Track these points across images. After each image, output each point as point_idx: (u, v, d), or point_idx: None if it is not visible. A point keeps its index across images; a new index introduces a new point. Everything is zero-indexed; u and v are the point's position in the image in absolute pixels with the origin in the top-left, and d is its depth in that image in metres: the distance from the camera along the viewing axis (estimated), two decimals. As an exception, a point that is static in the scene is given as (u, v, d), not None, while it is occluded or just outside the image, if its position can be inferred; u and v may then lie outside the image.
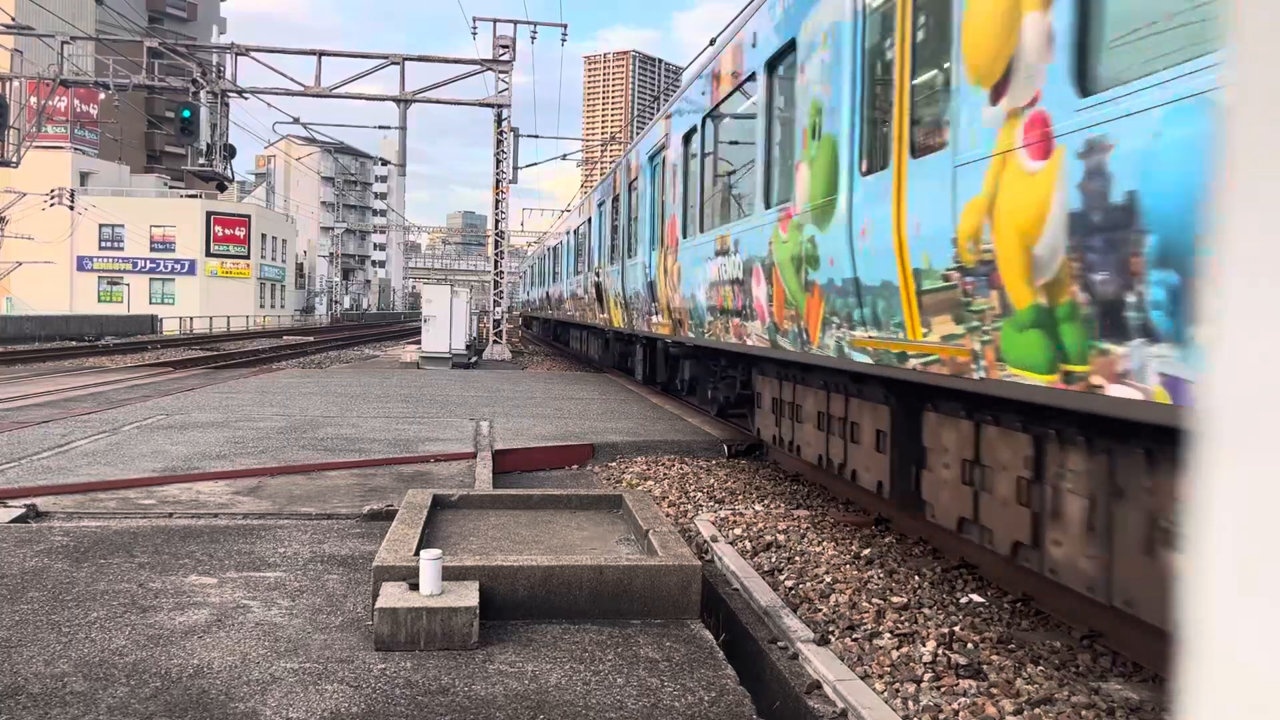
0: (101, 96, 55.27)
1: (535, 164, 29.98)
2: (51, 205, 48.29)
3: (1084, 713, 3.80)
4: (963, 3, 4.30)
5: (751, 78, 7.95)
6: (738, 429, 11.33)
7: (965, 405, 5.07)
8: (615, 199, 16.49)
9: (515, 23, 26.72)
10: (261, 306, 70.83)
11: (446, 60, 26.92)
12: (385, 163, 72.82)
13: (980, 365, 4.22)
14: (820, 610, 5.05)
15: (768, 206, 7.45)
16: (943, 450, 5.33)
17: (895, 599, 5.26)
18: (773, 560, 6.10)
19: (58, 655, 3.96)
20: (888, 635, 4.64)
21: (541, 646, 4.23)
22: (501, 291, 28.66)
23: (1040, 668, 4.29)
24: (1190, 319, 2.89)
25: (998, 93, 4.00)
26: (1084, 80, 3.48)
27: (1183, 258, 2.92)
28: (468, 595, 4.30)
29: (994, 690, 3.99)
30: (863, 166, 5.45)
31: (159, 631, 4.27)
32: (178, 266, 65.92)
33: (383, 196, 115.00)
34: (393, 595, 4.27)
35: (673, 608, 4.65)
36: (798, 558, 6.16)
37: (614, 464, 9.91)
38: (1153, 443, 3.70)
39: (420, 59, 27.47)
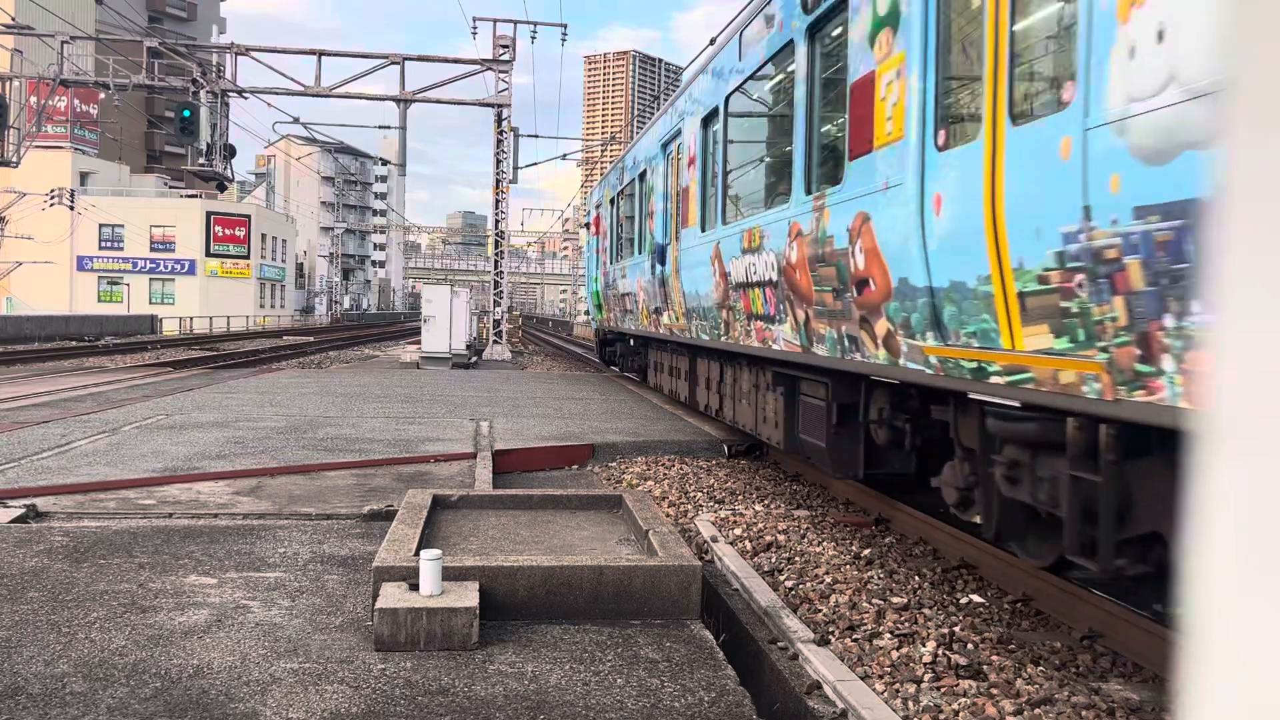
0: (101, 96, 55.27)
1: (535, 164, 30.03)
2: (51, 205, 48.32)
3: (1084, 713, 3.79)
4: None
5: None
6: (731, 429, 11.35)
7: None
8: None
9: (515, 23, 26.74)
10: (261, 306, 70.84)
11: (446, 60, 26.94)
12: (385, 163, 72.94)
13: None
14: (820, 610, 5.05)
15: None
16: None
17: (895, 599, 5.26)
18: (773, 560, 6.10)
19: (58, 655, 3.96)
20: (888, 635, 4.63)
21: (541, 647, 4.23)
22: (501, 291, 28.66)
23: (1040, 668, 4.29)
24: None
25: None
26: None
27: None
28: (468, 596, 4.30)
29: (994, 690, 3.99)
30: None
31: (159, 632, 4.27)
32: (178, 266, 65.92)
33: (383, 196, 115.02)
34: (393, 596, 4.27)
35: (673, 608, 4.65)
36: (798, 558, 6.16)
37: (614, 464, 9.91)
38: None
39: (420, 59, 27.48)
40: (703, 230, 9.79)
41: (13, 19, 27.13)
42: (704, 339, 10.08)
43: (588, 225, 22.40)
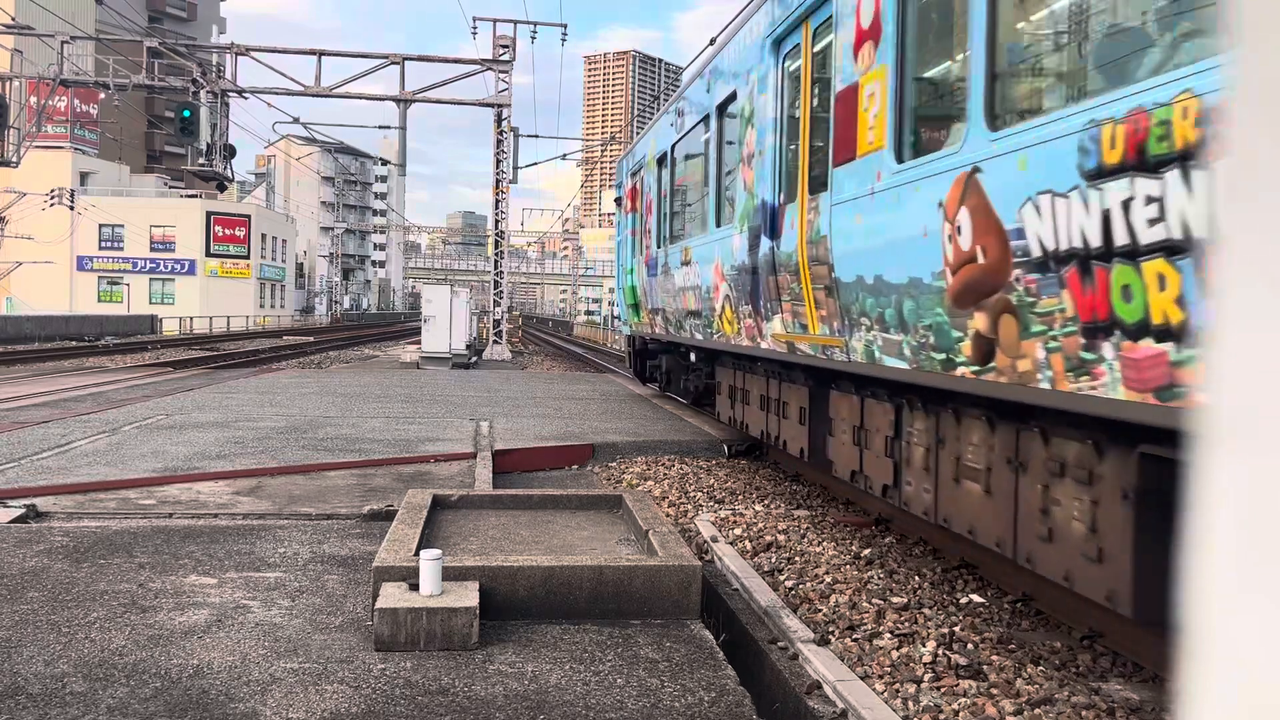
0: (101, 96, 55.26)
1: (535, 164, 30.03)
2: (51, 205, 48.33)
3: (1084, 713, 3.79)
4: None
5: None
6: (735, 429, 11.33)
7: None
8: None
9: (515, 23, 26.75)
10: (261, 306, 70.86)
11: (446, 60, 26.94)
12: (385, 163, 72.96)
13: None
14: (820, 610, 5.05)
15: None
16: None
17: (895, 599, 5.26)
18: (773, 560, 6.10)
19: (58, 655, 3.96)
20: (888, 635, 4.64)
21: (541, 647, 4.23)
22: (501, 291, 28.66)
23: (1040, 668, 4.29)
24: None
25: None
26: None
27: None
28: (468, 596, 4.30)
29: (994, 690, 3.99)
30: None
31: (159, 632, 4.27)
32: (178, 266, 65.94)
33: (383, 196, 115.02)
34: (393, 595, 4.27)
35: (673, 608, 4.65)
36: (798, 558, 6.16)
37: (614, 464, 9.91)
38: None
39: (420, 59, 27.49)
40: (901, 158, 5.15)
41: (13, 19, 27.13)
42: (892, 365, 5.31)
43: (618, 200, 16.37)
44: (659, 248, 12.34)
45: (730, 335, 8.91)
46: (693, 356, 12.52)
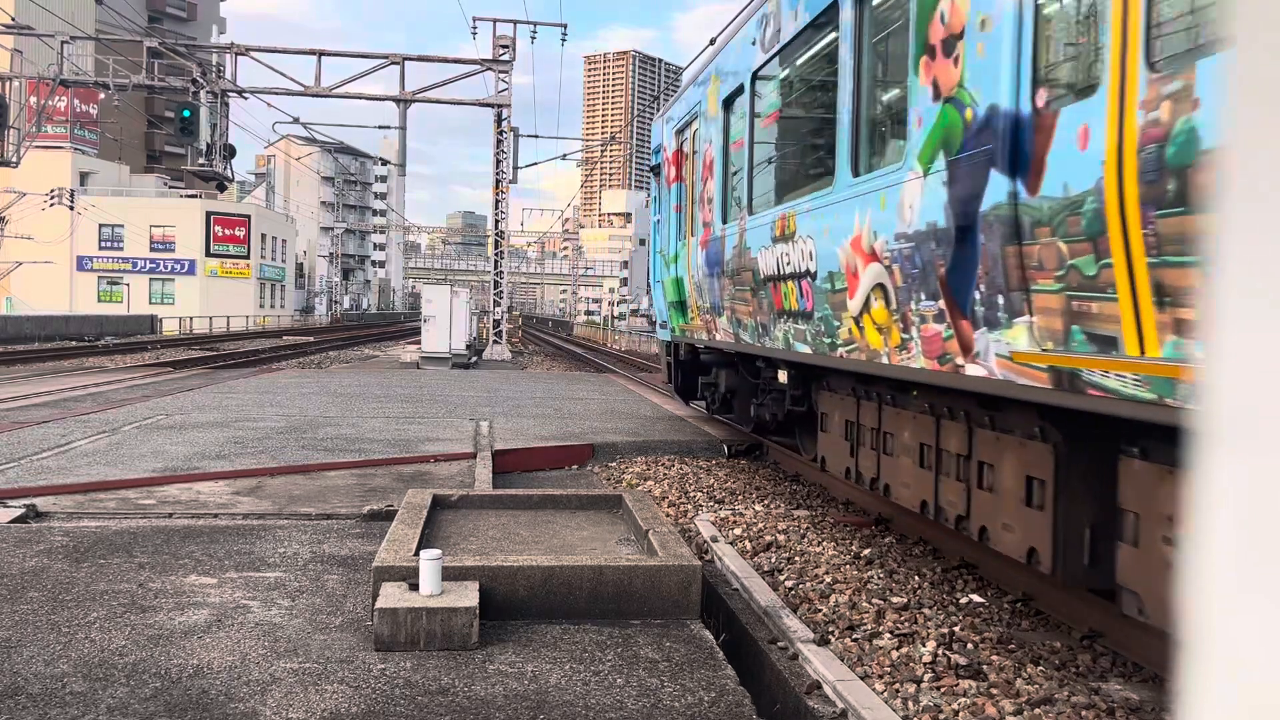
0: (101, 96, 55.22)
1: (535, 164, 30.00)
2: (51, 205, 48.32)
3: (1084, 713, 3.79)
4: None
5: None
6: (734, 428, 11.33)
7: None
8: None
9: (515, 23, 26.75)
10: (261, 306, 70.84)
11: (446, 60, 26.95)
12: (385, 162, 72.85)
13: None
14: (820, 610, 5.05)
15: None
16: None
17: (895, 599, 5.26)
18: (773, 560, 6.10)
19: (58, 655, 3.96)
20: (888, 635, 4.64)
21: (541, 647, 4.23)
22: (501, 291, 28.66)
23: (1040, 668, 4.29)
24: None
25: None
26: None
27: None
28: (467, 595, 4.30)
29: (994, 690, 3.99)
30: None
31: (159, 632, 4.26)
32: (177, 266, 65.93)
33: (383, 196, 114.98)
34: (392, 595, 4.27)
35: (673, 608, 4.65)
36: (798, 558, 6.16)
37: (614, 464, 9.91)
38: None
39: (420, 59, 27.49)
40: None
41: (13, 19, 27.12)
42: None
43: (655, 169, 12.91)
44: (727, 223, 9.01)
45: (883, 350, 5.58)
46: (781, 375, 8.82)
